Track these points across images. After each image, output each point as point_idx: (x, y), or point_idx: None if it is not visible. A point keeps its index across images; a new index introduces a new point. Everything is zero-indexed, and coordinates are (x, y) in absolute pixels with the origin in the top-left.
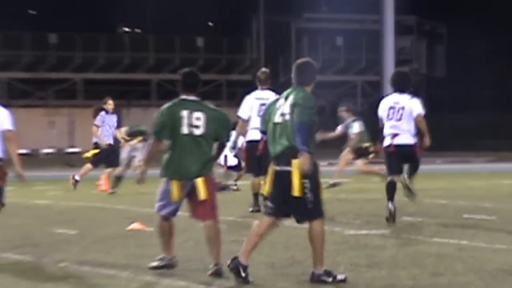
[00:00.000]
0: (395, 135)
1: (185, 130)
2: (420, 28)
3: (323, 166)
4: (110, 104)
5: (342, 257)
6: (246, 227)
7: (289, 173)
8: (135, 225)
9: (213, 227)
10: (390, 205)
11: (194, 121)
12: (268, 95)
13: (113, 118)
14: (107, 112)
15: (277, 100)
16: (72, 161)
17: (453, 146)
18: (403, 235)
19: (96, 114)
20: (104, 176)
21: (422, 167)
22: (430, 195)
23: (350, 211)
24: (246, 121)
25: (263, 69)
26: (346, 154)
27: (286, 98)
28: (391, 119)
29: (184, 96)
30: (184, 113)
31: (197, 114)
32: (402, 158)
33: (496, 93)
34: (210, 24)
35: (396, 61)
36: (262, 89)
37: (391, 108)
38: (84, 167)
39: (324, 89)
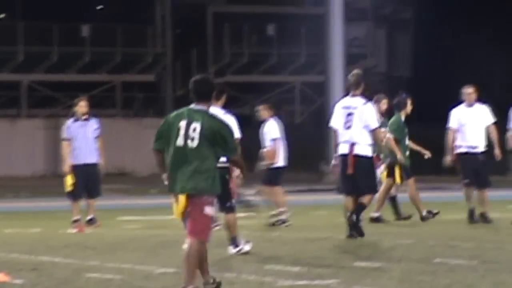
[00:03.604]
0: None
1: (180, 141)
2: (378, 12)
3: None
4: (82, 106)
5: None
6: None
7: None
8: None
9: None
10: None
11: (191, 133)
12: (357, 103)
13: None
14: (76, 119)
15: None
16: None
17: (421, 167)
18: (355, 286)
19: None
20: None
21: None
22: (391, 233)
23: (286, 255)
24: (337, 132)
25: (355, 71)
26: None
27: None
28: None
29: (192, 105)
30: (182, 123)
31: (195, 124)
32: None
33: (480, 96)
34: (99, 7)
35: (346, 56)
36: (353, 95)
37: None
38: None
39: (249, 93)
